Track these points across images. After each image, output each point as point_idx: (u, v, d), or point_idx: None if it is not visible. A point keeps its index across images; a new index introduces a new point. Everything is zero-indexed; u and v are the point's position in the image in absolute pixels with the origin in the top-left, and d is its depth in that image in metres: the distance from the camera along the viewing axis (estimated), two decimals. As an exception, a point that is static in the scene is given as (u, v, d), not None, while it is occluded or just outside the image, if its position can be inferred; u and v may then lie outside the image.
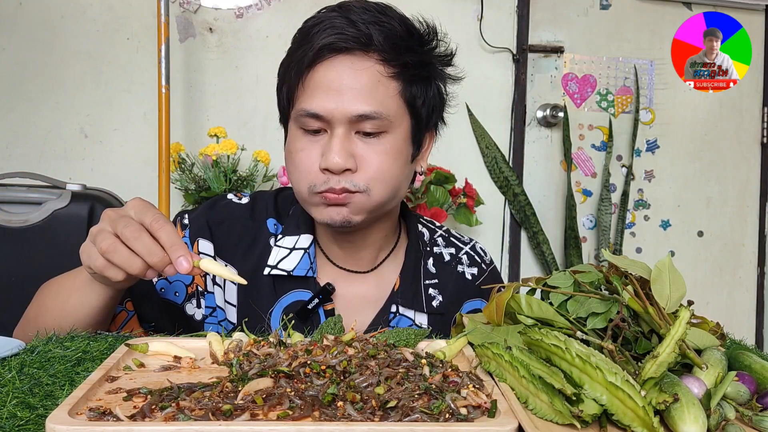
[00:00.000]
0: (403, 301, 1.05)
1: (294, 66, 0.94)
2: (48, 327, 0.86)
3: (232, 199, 1.10)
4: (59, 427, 0.53)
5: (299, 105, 0.93)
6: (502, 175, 2.64)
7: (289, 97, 0.97)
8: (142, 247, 0.76)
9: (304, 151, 0.94)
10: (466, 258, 1.15)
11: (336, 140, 0.91)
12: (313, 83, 0.92)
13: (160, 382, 0.65)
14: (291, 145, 0.97)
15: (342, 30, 0.91)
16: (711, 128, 2.86)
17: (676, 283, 0.72)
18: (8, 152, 2.32)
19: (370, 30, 0.91)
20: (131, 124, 2.38)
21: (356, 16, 0.91)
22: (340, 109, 0.90)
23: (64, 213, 1.94)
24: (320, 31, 0.91)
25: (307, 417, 0.56)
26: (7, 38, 2.30)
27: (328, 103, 0.91)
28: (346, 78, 0.91)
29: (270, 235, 1.06)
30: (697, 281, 2.86)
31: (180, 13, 2.39)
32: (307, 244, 1.04)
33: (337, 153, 0.90)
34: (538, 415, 0.59)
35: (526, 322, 0.75)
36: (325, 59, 0.92)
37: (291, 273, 1.02)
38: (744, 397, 0.64)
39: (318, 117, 0.92)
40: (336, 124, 0.91)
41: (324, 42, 0.91)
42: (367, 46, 0.92)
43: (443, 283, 1.10)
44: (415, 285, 1.07)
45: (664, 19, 2.77)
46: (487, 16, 2.61)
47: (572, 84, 2.74)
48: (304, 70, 0.93)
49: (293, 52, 0.96)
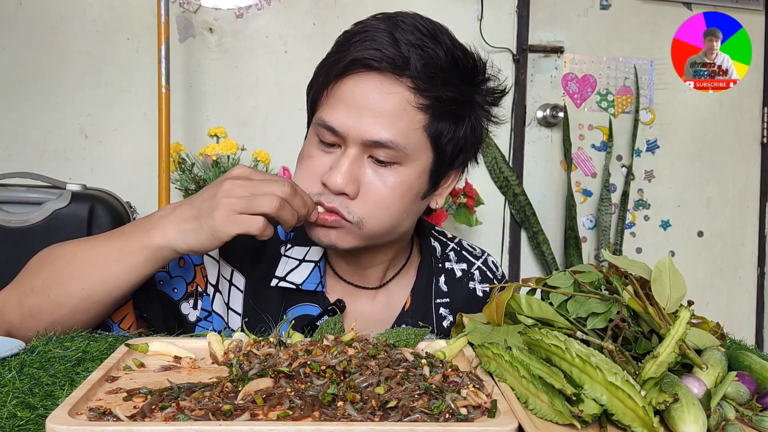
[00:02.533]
0: (413, 322, 1.01)
1: (324, 72, 0.90)
2: (70, 295, 0.82)
3: None
4: (59, 427, 0.53)
5: (320, 113, 0.90)
6: (502, 175, 2.64)
7: (313, 101, 0.93)
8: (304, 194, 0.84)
9: (314, 159, 0.91)
10: (479, 274, 1.11)
11: (345, 160, 0.87)
12: (338, 95, 0.88)
13: (160, 382, 0.65)
14: (304, 149, 0.94)
15: (381, 47, 0.85)
16: (711, 128, 2.86)
17: (676, 284, 0.72)
18: (8, 152, 2.32)
19: (410, 53, 0.85)
20: (131, 124, 2.38)
21: (401, 34, 0.85)
22: (357, 129, 0.86)
23: (64, 213, 1.94)
24: (359, 42, 0.86)
25: (307, 417, 0.56)
26: (7, 38, 2.30)
27: (347, 119, 0.86)
28: (372, 98, 0.86)
29: (280, 243, 1.01)
30: (697, 281, 2.86)
31: (180, 13, 2.39)
32: (318, 257, 1.00)
33: (341, 174, 0.87)
34: (538, 415, 0.59)
35: (526, 322, 0.75)
36: (356, 73, 0.87)
37: (300, 287, 0.98)
38: (744, 397, 0.64)
39: (334, 132, 0.88)
40: (350, 143, 0.88)
41: (357, 55, 0.85)
42: (401, 70, 0.85)
43: (454, 301, 1.07)
44: (426, 305, 1.04)
45: (664, 19, 2.77)
46: (487, 16, 2.61)
47: (572, 84, 2.74)
48: (332, 79, 0.88)
49: (329, 55, 0.91)
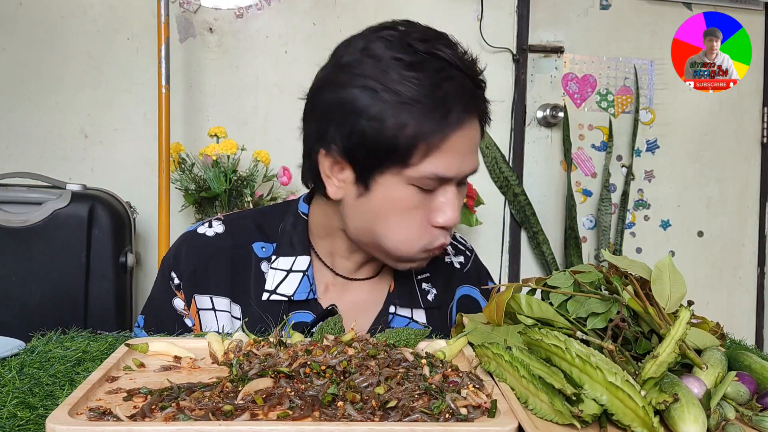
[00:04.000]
0: (400, 301, 1.05)
1: (431, 127, 0.86)
2: None
3: (205, 232, 1.04)
4: (59, 427, 0.53)
5: (429, 168, 0.87)
6: (502, 175, 2.64)
7: (409, 152, 0.86)
8: None
9: (419, 209, 0.91)
10: (451, 248, 1.16)
11: (455, 200, 0.92)
12: (452, 148, 0.88)
13: (160, 382, 0.65)
14: (402, 202, 0.90)
15: (473, 92, 0.90)
16: (711, 128, 2.86)
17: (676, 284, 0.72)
18: (8, 152, 2.32)
19: (482, 86, 0.93)
20: (131, 124, 2.38)
21: (470, 70, 0.90)
22: (464, 169, 0.91)
23: (64, 213, 1.94)
24: (454, 92, 0.87)
25: (307, 417, 0.56)
26: (7, 38, 2.30)
27: (457, 166, 0.89)
28: (472, 140, 0.91)
29: (260, 260, 1.02)
30: (697, 281, 2.86)
31: (180, 13, 2.39)
32: (305, 266, 1.01)
33: (456, 212, 0.92)
34: (538, 415, 0.59)
35: (526, 322, 0.75)
36: (463, 123, 0.89)
37: (291, 298, 0.99)
38: (744, 397, 0.64)
39: (444, 179, 0.90)
40: (452, 182, 0.91)
41: (467, 107, 0.89)
42: (484, 105, 0.94)
43: (435, 276, 1.10)
44: (410, 283, 1.07)
45: (664, 19, 2.77)
46: (487, 16, 2.61)
47: (572, 84, 2.74)
48: (448, 134, 0.87)
49: (413, 104, 0.85)
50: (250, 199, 2.14)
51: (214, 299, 1.00)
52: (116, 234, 1.99)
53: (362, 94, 0.85)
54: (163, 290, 1.03)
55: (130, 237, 2.08)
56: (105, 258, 1.97)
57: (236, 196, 2.15)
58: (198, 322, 1.00)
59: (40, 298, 1.92)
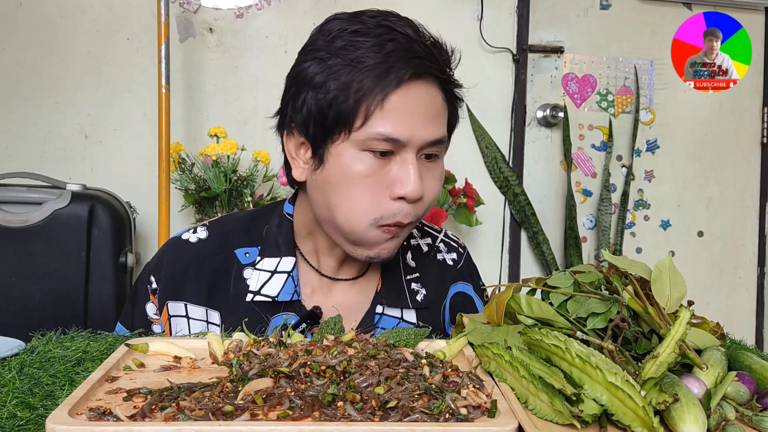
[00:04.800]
0: (387, 301, 1.03)
1: (369, 87, 0.86)
2: None
3: (188, 239, 1.04)
4: (59, 427, 0.53)
5: (374, 128, 0.86)
6: (502, 175, 2.64)
7: (351, 117, 0.87)
8: None
9: (372, 177, 0.88)
10: (443, 246, 1.15)
11: (413, 168, 0.88)
12: (390, 107, 0.86)
13: (160, 382, 0.65)
14: (352, 170, 0.88)
15: (418, 54, 0.88)
16: (711, 128, 2.86)
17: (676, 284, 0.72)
18: (8, 152, 2.32)
19: (435, 53, 0.90)
20: (131, 124, 2.38)
21: (418, 36, 0.89)
22: (420, 135, 0.88)
23: (64, 213, 1.94)
24: (396, 51, 0.86)
25: (307, 417, 0.56)
26: (7, 38, 2.30)
27: (408, 127, 0.87)
28: (425, 104, 0.89)
29: (242, 267, 1.01)
30: (697, 281, 2.86)
31: (180, 13, 2.39)
32: (290, 267, 1.00)
33: (416, 182, 0.87)
34: (538, 415, 0.59)
35: (526, 322, 0.75)
36: (407, 84, 0.87)
37: (275, 299, 0.98)
38: (744, 397, 0.64)
39: (395, 141, 0.87)
40: (408, 150, 0.88)
41: (410, 68, 0.87)
42: (440, 72, 0.91)
43: (425, 275, 1.08)
44: (397, 283, 1.05)
45: (664, 19, 2.77)
46: (487, 16, 2.61)
47: (572, 84, 2.74)
48: (388, 93, 0.86)
49: (357, 68, 0.86)
50: (250, 199, 2.14)
51: (188, 307, 1.00)
52: (116, 234, 2.00)
53: (311, 65, 0.89)
54: (141, 293, 1.04)
55: (130, 237, 2.08)
56: (105, 258, 1.97)
57: (236, 196, 2.14)
58: (168, 329, 1.00)
59: (40, 298, 1.92)
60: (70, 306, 1.93)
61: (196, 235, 1.05)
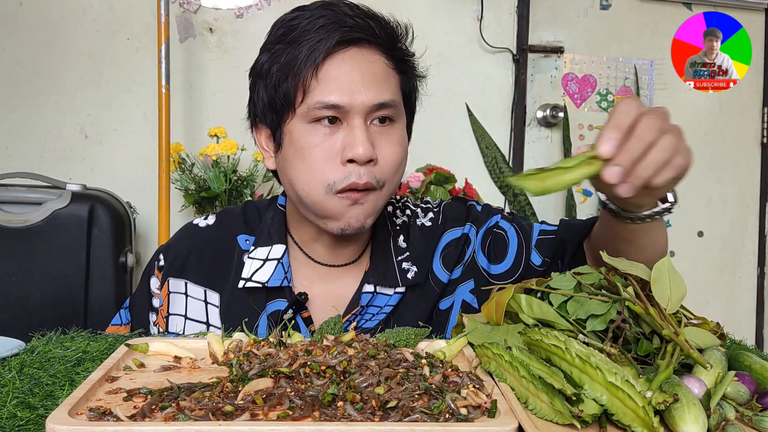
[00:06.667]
0: (375, 279, 1.02)
1: (302, 60, 0.91)
2: None
3: (198, 223, 1.11)
4: (59, 427, 0.53)
5: (313, 99, 0.91)
6: (502, 175, 2.63)
7: (291, 93, 0.93)
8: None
9: (321, 146, 0.92)
10: (420, 211, 1.14)
11: (359, 130, 0.91)
12: (326, 77, 0.91)
13: (160, 382, 0.65)
14: (301, 142, 0.93)
15: (348, 24, 0.92)
16: (711, 128, 2.86)
17: (676, 284, 0.72)
18: (8, 152, 2.32)
19: (371, 24, 0.94)
20: (131, 124, 2.38)
21: (354, 11, 0.94)
22: (361, 99, 0.91)
23: (64, 213, 1.94)
24: (326, 25, 0.92)
25: (307, 417, 0.56)
26: (7, 38, 2.30)
27: (347, 93, 0.90)
28: (362, 68, 0.92)
29: (243, 252, 1.05)
30: (697, 281, 2.86)
31: (180, 13, 2.39)
32: (280, 254, 1.03)
33: (364, 143, 0.90)
34: (538, 415, 0.59)
35: (527, 322, 0.75)
36: (339, 52, 0.92)
37: (265, 284, 1.01)
38: (744, 397, 0.64)
39: (337, 108, 0.91)
40: (354, 114, 0.91)
41: (336, 36, 0.91)
42: (374, 38, 0.94)
43: (413, 248, 1.07)
44: (385, 263, 1.05)
45: (664, 19, 2.77)
46: (487, 16, 2.61)
47: (572, 84, 2.74)
48: (319, 63, 0.91)
49: (293, 46, 0.93)
50: (250, 200, 2.14)
51: (188, 285, 1.05)
52: (116, 234, 2.00)
53: (261, 57, 0.98)
54: (149, 268, 1.10)
55: (130, 237, 2.08)
56: (105, 258, 1.97)
57: (236, 196, 2.15)
58: (166, 304, 1.05)
59: (40, 298, 1.92)
60: (70, 306, 1.93)
61: (206, 221, 1.11)
